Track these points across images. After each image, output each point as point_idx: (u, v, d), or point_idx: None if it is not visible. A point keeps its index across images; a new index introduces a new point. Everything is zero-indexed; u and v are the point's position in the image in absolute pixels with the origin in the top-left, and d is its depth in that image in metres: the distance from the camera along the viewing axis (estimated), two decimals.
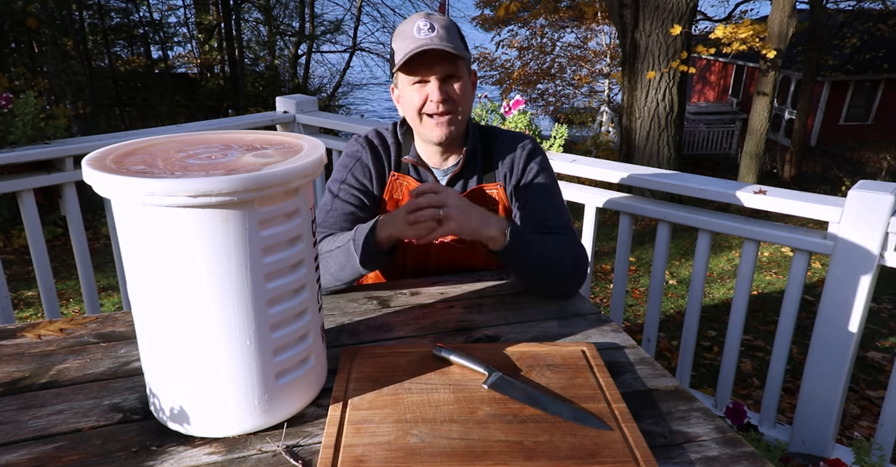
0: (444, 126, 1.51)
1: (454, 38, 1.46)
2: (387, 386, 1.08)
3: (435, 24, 1.44)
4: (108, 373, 1.15)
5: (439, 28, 1.44)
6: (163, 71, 15.18)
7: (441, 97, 1.47)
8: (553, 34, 17.65)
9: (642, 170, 2.34)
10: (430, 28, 1.44)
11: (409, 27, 1.46)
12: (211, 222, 0.86)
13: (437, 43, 1.42)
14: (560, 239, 1.46)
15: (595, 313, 1.41)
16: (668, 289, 5.94)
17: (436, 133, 1.52)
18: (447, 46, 1.42)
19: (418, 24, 1.45)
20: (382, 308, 1.42)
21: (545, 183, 1.62)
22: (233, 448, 0.96)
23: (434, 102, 1.47)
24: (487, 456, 0.91)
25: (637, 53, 8.14)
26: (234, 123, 3.08)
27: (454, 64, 1.47)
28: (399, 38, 1.48)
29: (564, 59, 18.04)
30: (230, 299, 0.91)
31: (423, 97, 1.49)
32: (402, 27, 1.49)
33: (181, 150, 1.00)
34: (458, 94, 1.50)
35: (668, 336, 4.62)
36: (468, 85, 1.53)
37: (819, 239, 1.97)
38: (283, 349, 0.99)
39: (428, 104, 1.49)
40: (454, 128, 1.52)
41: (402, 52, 1.45)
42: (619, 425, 0.99)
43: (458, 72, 1.48)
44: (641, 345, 2.52)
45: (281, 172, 0.89)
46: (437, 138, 1.52)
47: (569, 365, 1.16)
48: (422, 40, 1.43)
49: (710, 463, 0.94)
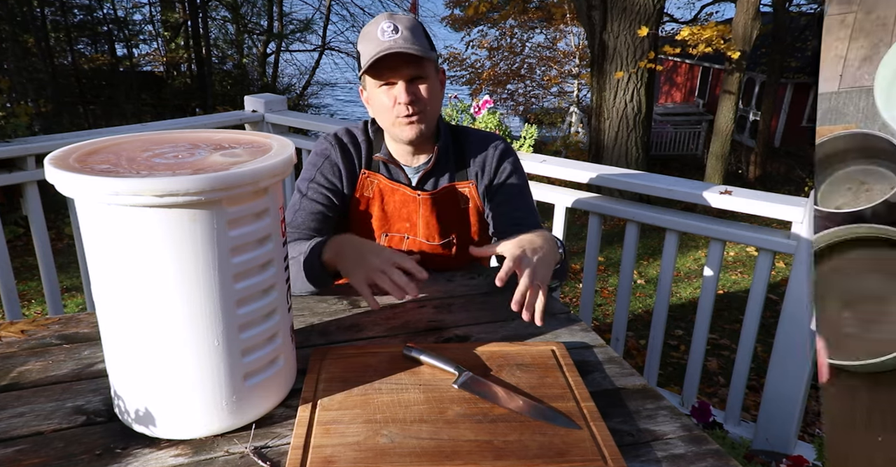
0: (415, 126, 1.51)
1: (419, 38, 1.46)
2: (357, 386, 1.08)
3: (399, 26, 1.44)
4: (72, 375, 1.13)
5: (403, 29, 1.44)
6: (128, 69, 14.95)
7: (409, 99, 1.47)
8: (522, 35, 17.73)
9: (611, 170, 2.36)
10: (394, 29, 1.43)
11: (373, 29, 1.46)
12: (178, 222, 0.85)
13: (401, 45, 1.41)
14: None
15: (565, 313, 1.42)
16: (637, 288, 6.01)
17: (406, 133, 1.51)
18: (411, 48, 1.42)
19: (382, 25, 1.44)
20: (353, 308, 1.42)
21: (518, 183, 1.63)
22: (199, 449, 0.95)
23: (402, 104, 1.47)
24: (457, 455, 0.92)
25: (605, 54, 8.22)
26: (201, 122, 3.04)
27: (420, 65, 1.47)
28: (364, 41, 1.48)
29: (534, 60, 18.14)
30: (198, 300, 0.90)
31: (391, 99, 1.48)
32: (367, 29, 1.48)
33: (147, 149, 0.99)
34: (426, 95, 1.49)
35: (637, 335, 4.67)
36: (436, 84, 1.53)
37: (783, 238, 2.01)
38: (251, 350, 0.98)
39: (396, 106, 1.48)
40: (424, 126, 1.52)
41: (367, 55, 1.44)
42: (588, 424, 1.00)
43: (424, 72, 1.48)
44: (610, 344, 2.54)
45: (250, 172, 0.88)
46: (408, 138, 1.52)
47: (538, 365, 1.17)
48: (386, 43, 1.42)
49: (676, 460, 0.95)
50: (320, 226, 1.54)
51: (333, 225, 1.59)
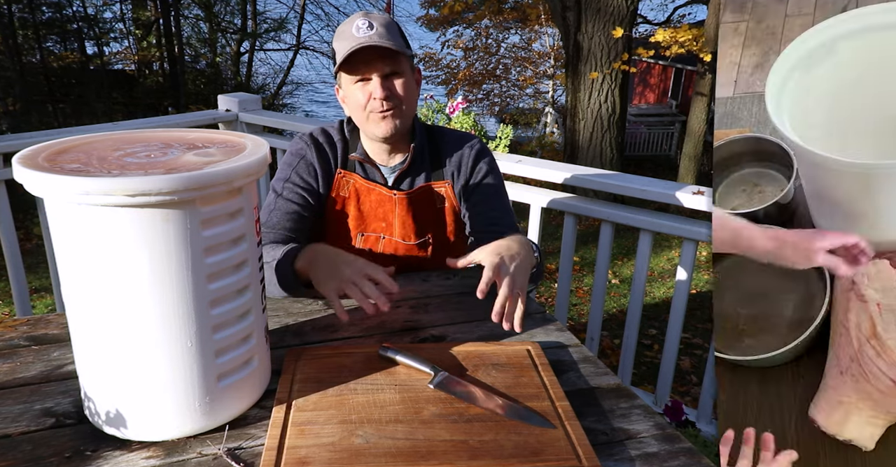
0: (389, 120, 1.50)
1: (394, 35, 1.46)
2: (332, 387, 1.08)
3: (374, 23, 1.45)
4: (40, 377, 1.11)
5: (378, 26, 1.45)
6: (98, 67, 14.71)
7: (384, 94, 1.47)
8: (498, 35, 17.76)
9: (586, 170, 2.38)
10: (369, 26, 1.44)
11: (348, 27, 1.46)
12: (150, 222, 0.84)
13: (375, 40, 1.42)
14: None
15: (540, 312, 1.43)
16: (611, 288, 6.05)
17: (381, 128, 1.51)
18: (386, 43, 1.42)
19: (357, 23, 1.45)
20: (328, 309, 1.41)
21: (494, 183, 1.64)
22: (172, 451, 0.94)
23: (377, 99, 1.47)
24: (433, 455, 0.92)
25: (580, 55, 8.26)
26: (174, 121, 3.01)
27: (395, 61, 1.47)
28: (339, 39, 1.48)
29: (509, 61, 18.18)
30: (170, 300, 0.89)
31: (366, 95, 1.48)
32: (342, 27, 1.49)
33: (118, 149, 0.98)
34: (401, 91, 1.50)
35: (611, 334, 4.70)
36: (411, 82, 1.53)
37: None
38: (225, 350, 0.97)
39: (371, 102, 1.48)
40: (399, 122, 1.52)
41: (342, 51, 1.44)
42: (563, 423, 1.00)
43: (399, 68, 1.49)
44: (585, 343, 2.56)
45: (223, 171, 0.88)
46: (383, 133, 1.52)
47: (514, 365, 1.17)
48: (361, 39, 1.43)
49: (649, 459, 0.96)
50: (296, 226, 1.54)
51: (309, 225, 1.58)
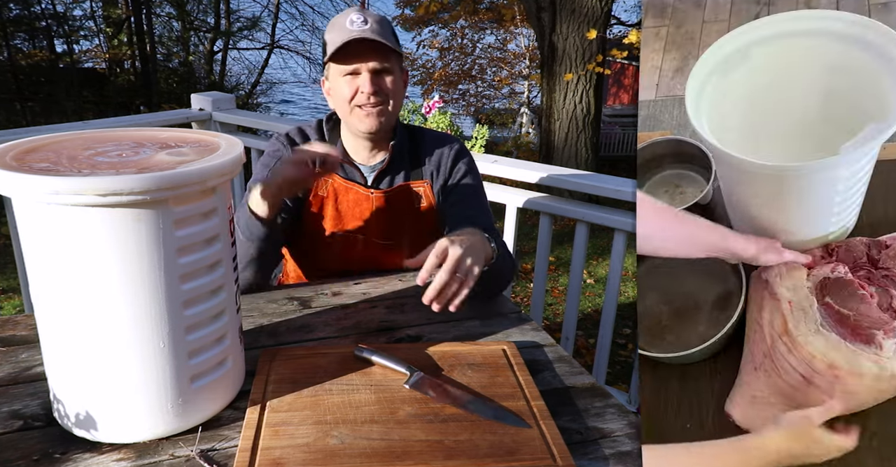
0: (375, 116, 1.50)
1: (388, 32, 1.48)
2: (307, 387, 1.07)
3: (368, 18, 1.45)
4: (8, 379, 1.09)
5: (373, 22, 1.45)
6: (68, 65, 14.48)
7: (372, 89, 1.47)
8: (473, 35, 17.79)
9: (561, 171, 2.39)
10: (364, 21, 1.44)
11: (342, 20, 1.47)
12: (122, 222, 0.83)
13: (369, 35, 1.43)
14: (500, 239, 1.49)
15: (516, 312, 1.43)
16: (586, 288, 6.08)
17: (366, 123, 1.51)
18: (380, 39, 1.43)
19: (351, 16, 1.45)
20: (303, 308, 1.40)
21: (473, 184, 1.64)
22: (143, 453, 0.93)
23: (365, 94, 1.47)
24: (408, 456, 0.91)
25: (555, 56, 8.30)
26: (146, 120, 2.99)
27: (387, 57, 1.48)
28: (332, 30, 1.48)
29: (485, 61, 18.21)
30: (142, 301, 0.88)
31: (353, 89, 1.48)
32: (336, 20, 1.49)
33: (89, 148, 0.96)
34: (390, 88, 1.50)
35: (586, 334, 4.73)
36: (400, 82, 1.54)
37: None
38: (198, 351, 0.96)
39: (358, 96, 1.48)
40: (384, 119, 1.52)
41: (335, 42, 1.44)
42: (538, 422, 1.01)
43: (390, 66, 1.49)
44: (560, 343, 2.57)
45: (197, 171, 0.87)
46: (367, 128, 1.52)
47: (490, 364, 1.17)
48: (354, 31, 1.43)
49: (623, 457, 0.97)
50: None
51: (284, 225, 1.57)
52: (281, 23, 16.98)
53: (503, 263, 1.39)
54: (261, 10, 16.85)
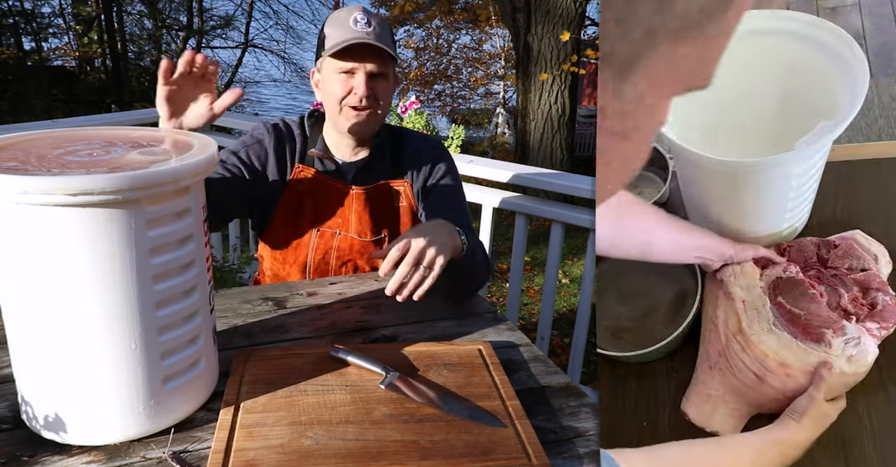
0: (364, 119, 1.51)
1: (388, 38, 1.48)
2: (281, 388, 1.06)
3: (373, 21, 1.46)
4: None
5: (376, 25, 1.46)
6: (37, 63, 14.24)
7: (366, 92, 1.47)
8: (449, 36, 17.80)
9: (537, 171, 2.40)
10: (368, 23, 1.44)
11: (345, 16, 1.46)
12: (93, 222, 0.82)
13: (373, 39, 1.43)
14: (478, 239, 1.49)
15: (491, 312, 1.43)
16: (561, 287, 6.11)
17: (351, 123, 1.51)
18: (382, 45, 1.44)
19: (356, 15, 1.45)
20: (278, 309, 1.39)
21: (453, 184, 1.65)
22: (114, 456, 0.92)
23: (357, 96, 1.47)
24: (383, 456, 0.91)
25: (530, 57, 8.33)
26: (117, 119, 2.95)
27: (385, 63, 1.48)
28: (334, 25, 1.47)
29: (460, 61, 18.22)
30: (114, 302, 0.87)
31: (347, 88, 1.48)
32: (338, 15, 1.48)
33: (59, 147, 0.95)
34: (382, 94, 1.51)
35: (561, 333, 4.75)
36: (392, 87, 1.54)
37: None
38: (171, 352, 0.95)
39: (351, 96, 1.48)
40: (373, 122, 1.53)
41: (336, 39, 1.44)
42: (513, 422, 1.01)
43: (386, 72, 1.50)
44: (535, 342, 2.58)
45: (170, 170, 0.86)
46: (354, 129, 1.52)
47: (465, 364, 1.17)
48: (359, 33, 1.43)
49: (596, 456, 0.98)
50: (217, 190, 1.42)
51: (235, 201, 1.54)
52: (255, 22, 16.85)
53: (474, 258, 1.39)
54: (234, 8, 16.71)
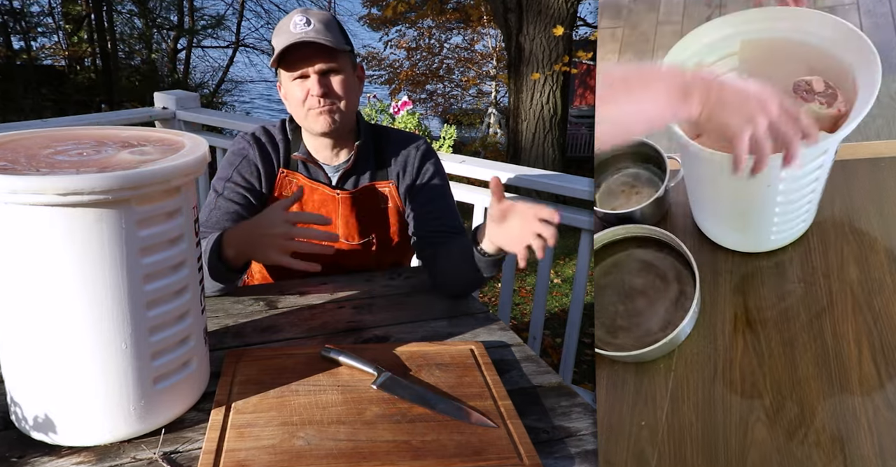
0: (327, 115, 1.49)
1: (333, 31, 1.46)
2: (273, 388, 1.06)
3: (311, 19, 1.43)
4: None
5: (316, 22, 1.43)
6: (26, 62, 14.15)
7: (321, 91, 1.46)
8: (440, 35, 17.80)
9: (529, 171, 2.40)
10: (307, 22, 1.43)
11: (286, 23, 1.45)
12: (83, 222, 0.82)
13: (312, 36, 1.41)
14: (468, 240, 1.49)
15: (483, 312, 1.44)
16: (553, 287, 6.12)
17: (319, 123, 1.50)
18: (323, 39, 1.41)
19: (294, 19, 1.44)
20: (270, 309, 1.39)
21: (441, 185, 1.64)
22: (104, 456, 0.91)
23: (314, 97, 1.46)
24: (375, 456, 0.91)
25: (522, 57, 8.34)
26: (107, 119, 2.93)
27: (333, 57, 1.46)
28: (277, 34, 1.47)
29: (452, 61, 18.23)
30: (104, 302, 0.86)
31: (304, 91, 1.47)
32: (281, 23, 1.48)
33: (48, 146, 0.94)
34: (339, 88, 1.49)
35: (553, 333, 4.75)
36: (352, 79, 1.52)
37: None
38: (162, 353, 0.95)
39: (309, 98, 1.47)
40: (338, 117, 1.51)
41: (279, 46, 1.43)
42: (505, 422, 1.01)
43: (338, 65, 1.47)
44: (527, 342, 2.59)
45: (161, 170, 0.86)
46: (322, 128, 1.51)
47: (457, 364, 1.17)
48: (297, 34, 1.42)
49: (588, 456, 0.98)
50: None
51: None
52: (246, 21, 16.82)
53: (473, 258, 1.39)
54: (225, 8, 16.67)
